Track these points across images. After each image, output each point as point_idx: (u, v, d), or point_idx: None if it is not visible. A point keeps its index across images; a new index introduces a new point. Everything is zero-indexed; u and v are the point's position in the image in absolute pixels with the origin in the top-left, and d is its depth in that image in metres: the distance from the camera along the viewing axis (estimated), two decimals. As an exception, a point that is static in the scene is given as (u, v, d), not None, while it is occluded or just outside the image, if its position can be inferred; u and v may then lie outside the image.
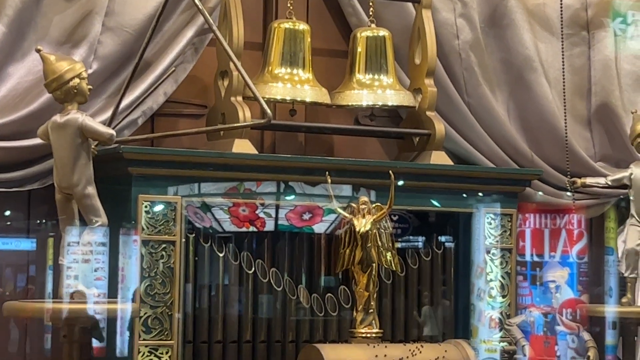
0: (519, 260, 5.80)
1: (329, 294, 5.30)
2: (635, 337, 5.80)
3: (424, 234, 5.64)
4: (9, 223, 5.39)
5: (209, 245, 5.17)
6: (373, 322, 5.15)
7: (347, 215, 5.14)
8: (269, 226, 5.33)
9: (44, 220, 5.28)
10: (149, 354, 5.01)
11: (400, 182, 5.29)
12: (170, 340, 5.03)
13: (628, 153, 5.86)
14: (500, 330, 5.54)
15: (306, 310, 5.36)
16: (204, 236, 5.16)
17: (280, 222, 5.34)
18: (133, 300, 4.98)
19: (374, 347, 5.01)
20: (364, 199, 5.14)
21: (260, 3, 5.71)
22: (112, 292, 4.93)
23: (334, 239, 5.24)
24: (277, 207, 5.38)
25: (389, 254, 5.19)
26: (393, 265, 5.20)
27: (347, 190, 5.39)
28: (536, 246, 6.14)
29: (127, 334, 5.04)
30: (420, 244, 5.61)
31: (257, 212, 5.29)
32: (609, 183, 5.82)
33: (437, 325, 5.57)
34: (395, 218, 5.41)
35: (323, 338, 5.23)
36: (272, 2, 5.77)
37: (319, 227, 5.36)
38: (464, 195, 5.59)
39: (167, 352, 5.05)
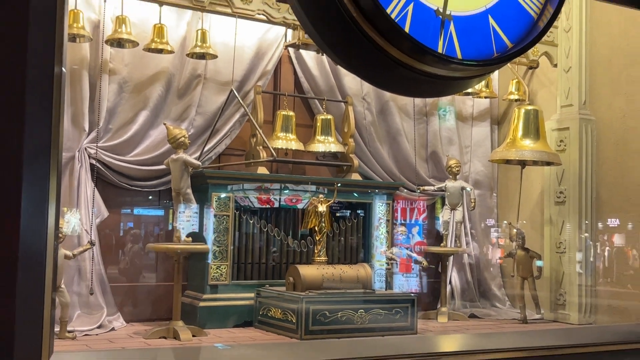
0: (395, 222, 5.92)
1: (302, 240, 5.52)
2: (447, 262, 5.98)
3: (349, 210, 5.79)
4: (151, 204, 5.39)
5: (245, 216, 5.35)
6: (322, 254, 5.26)
7: (314, 202, 5.32)
8: (276, 205, 5.50)
9: (166, 200, 5.30)
10: (216, 268, 5.12)
11: (339, 185, 5.46)
12: (226, 262, 5.16)
13: (444, 175, 6.10)
14: (385, 257, 5.65)
15: (291, 248, 5.47)
16: (242, 211, 5.35)
17: (281, 203, 5.50)
18: (208, 242, 5.10)
19: (323, 267, 5.15)
20: (321, 195, 5.42)
21: (271, 100, 5.80)
22: (199, 239, 5.06)
23: (306, 212, 5.40)
24: (280, 196, 5.47)
25: (327, 222, 5.25)
26: (327, 227, 5.27)
27: (312, 190, 5.52)
28: (403, 216, 6.22)
29: (206, 260, 5.08)
30: (347, 215, 5.77)
31: (270, 198, 5.43)
32: (436, 189, 6.04)
33: (354, 255, 5.71)
34: (336, 203, 5.53)
35: (299, 262, 5.41)
36: (277, 101, 5.79)
37: (299, 206, 5.55)
38: (368, 192, 5.79)
39: (224, 268, 5.14)
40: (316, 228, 5.25)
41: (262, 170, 5.40)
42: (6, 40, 1.56)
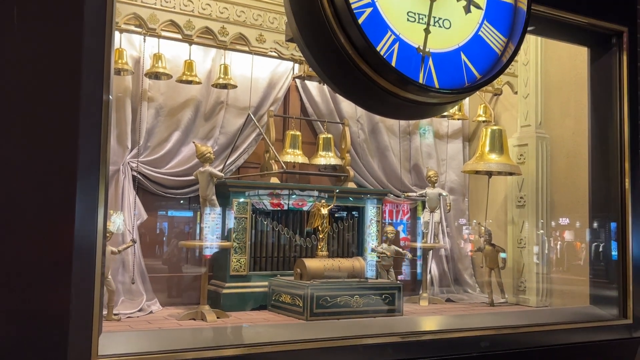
0: (384, 222, 5.88)
1: (307, 237, 5.49)
2: (427, 256, 5.98)
3: (346, 212, 5.75)
4: (183, 208, 5.36)
5: (261, 217, 5.33)
6: (324, 249, 5.24)
7: (317, 206, 5.32)
8: (285, 208, 5.45)
9: (194, 205, 5.27)
10: (237, 262, 5.10)
11: (337, 192, 5.49)
12: (245, 255, 5.14)
13: (425, 183, 6.06)
14: (376, 252, 5.62)
15: (298, 244, 5.44)
16: (258, 213, 5.32)
17: (290, 207, 5.46)
18: (230, 240, 5.08)
19: (325, 260, 5.13)
20: (323, 200, 5.40)
21: (282, 122, 5.78)
22: (223, 237, 5.04)
23: (310, 214, 5.39)
24: (289, 200, 5.43)
25: (327, 222, 5.25)
26: (327, 227, 5.25)
27: (316, 195, 5.49)
28: (390, 217, 6.18)
29: (229, 253, 5.07)
30: (344, 216, 5.74)
31: (280, 202, 5.39)
32: (417, 195, 6.02)
33: (350, 250, 5.67)
34: (335, 206, 5.50)
35: (305, 255, 5.39)
36: (287, 123, 5.79)
37: (305, 209, 5.51)
38: (362, 197, 5.75)
39: (243, 261, 5.12)
40: (319, 227, 5.21)
41: (274, 179, 5.40)
42: (64, 74, 1.58)
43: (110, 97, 1.62)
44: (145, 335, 2.54)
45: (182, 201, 5.33)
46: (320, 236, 5.22)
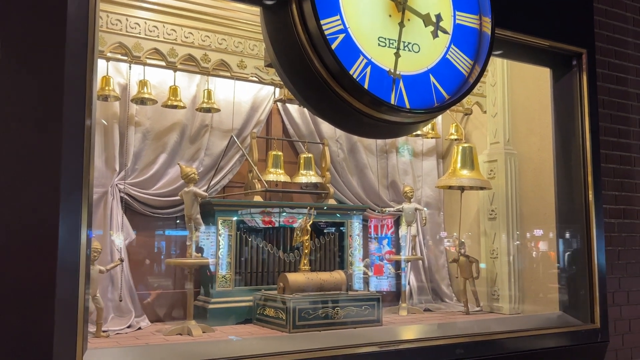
0: (369, 237, 5.88)
1: (290, 252, 5.43)
2: (406, 268, 5.91)
3: (331, 227, 5.65)
4: (169, 227, 5.27)
5: (245, 234, 5.26)
6: (306, 263, 5.18)
7: (303, 222, 5.25)
8: (270, 225, 5.38)
9: (180, 224, 5.19)
10: (222, 278, 5.03)
11: (323, 208, 5.46)
12: (230, 271, 5.08)
13: (402, 198, 6.02)
14: (360, 265, 5.59)
15: (283, 260, 5.37)
16: (243, 231, 5.23)
17: (280, 223, 5.40)
18: (215, 257, 5.02)
19: (307, 274, 5.03)
20: (306, 217, 5.31)
21: (264, 143, 5.74)
22: (209, 254, 4.99)
23: (295, 230, 5.31)
24: (279, 217, 5.39)
25: (309, 238, 5.21)
26: (309, 242, 5.18)
27: (299, 211, 5.43)
28: (375, 230, 6.12)
29: (213, 270, 5.00)
30: (328, 231, 5.64)
31: (265, 219, 5.33)
32: (395, 210, 6.00)
33: (332, 264, 5.61)
34: (322, 222, 5.49)
35: (288, 270, 5.29)
36: (269, 144, 5.74)
37: (293, 225, 5.43)
38: (347, 213, 5.71)
39: (228, 276, 5.05)
40: (303, 243, 5.17)
41: (258, 198, 5.36)
42: (47, 100, 1.56)
43: (95, 122, 1.61)
44: (131, 350, 2.49)
45: (168, 220, 5.24)
46: (306, 252, 5.17)
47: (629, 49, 5.16)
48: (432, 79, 2.89)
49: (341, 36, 2.50)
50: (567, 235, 4.32)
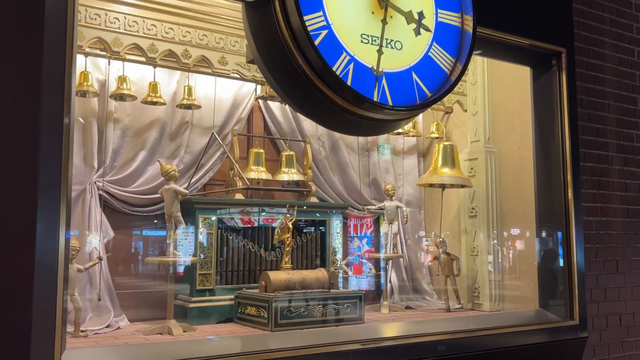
0: (349, 236, 5.89)
1: (272, 251, 5.40)
2: (387, 266, 5.93)
3: (312, 226, 5.65)
4: (149, 226, 5.22)
5: (226, 233, 5.23)
6: (288, 261, 5.18)
7: (283, 220, 5.23)
8: (251, 223, 5.36)
9: (160, 222, 5.13)
10: (203, 277, 5.00)
11: (304, 208, 5.45)
12: (211, 270, 5.05)
13: (383, 197, 6.04)
14: (341, 263, 5.60)
15: (264, 258, 5.35)
16: (224, 229, 5.20)
17: (260, 223, 5.39)
18: (196, 255, 5.00)
19: (289, 272, 5.00)
20: (287, 215, 5.29)
21: (245, 141, 5.72)
22: (189, 253, 4.98)
23: (276, 229, 5.29)
24: (258, 217, 5.37)
25: (290, 235, 5.18)
26: (291, 240, 5.16)
27: (280, 210, 5.43)
28: (355, 229, 6.15)
29: (195, 268, 4.98)
30: (309, 230, 5.62)
31: (245, 218, 5.31)
32: (376, 208, 6.06)
33: (314, 262, 5.60)
34: (302, 220, 5.48)
35: (270, 268, 5.30)
36: (250, 141, 5.74)
37: (273, 225, 5.41)
38: (326, 211, 5.71)
39: (209, 276, 5.02)
40: (285, 241, 5.16)
41: (239, 196, 5.33)
42: (24, 96, 1.53)
43: (74, 118, 1.58)
44: (109, 350, 2.46)
45: (148, 219, 5.18)
46: (287, 249, 5.16)
47: (606, 49, 5.23)
48: (414, 76, 2.90)
49: (324, 32, 2.49)
50: (547, 232, 4.35)
